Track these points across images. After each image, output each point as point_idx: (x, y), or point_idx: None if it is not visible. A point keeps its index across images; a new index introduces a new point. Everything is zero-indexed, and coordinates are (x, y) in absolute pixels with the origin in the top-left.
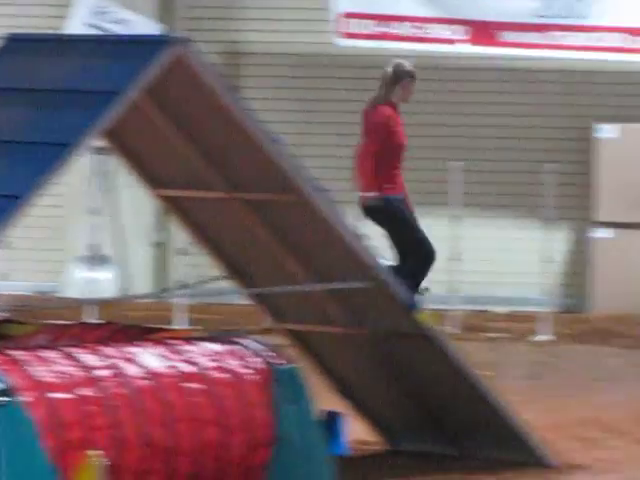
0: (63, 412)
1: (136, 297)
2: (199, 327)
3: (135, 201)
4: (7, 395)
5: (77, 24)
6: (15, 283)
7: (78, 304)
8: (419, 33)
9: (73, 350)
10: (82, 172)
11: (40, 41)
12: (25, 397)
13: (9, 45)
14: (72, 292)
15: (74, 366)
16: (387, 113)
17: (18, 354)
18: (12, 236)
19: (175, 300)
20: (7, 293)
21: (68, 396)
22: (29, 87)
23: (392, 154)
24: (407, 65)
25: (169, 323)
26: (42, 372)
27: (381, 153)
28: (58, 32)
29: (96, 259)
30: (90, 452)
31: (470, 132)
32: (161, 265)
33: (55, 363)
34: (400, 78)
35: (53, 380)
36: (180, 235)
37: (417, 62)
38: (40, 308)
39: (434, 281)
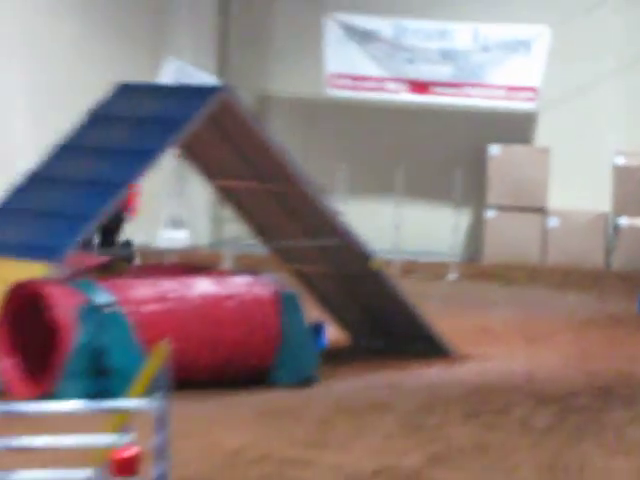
0: (148, 318)
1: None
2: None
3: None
4: (112, 306)
5: (165, 79)
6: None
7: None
8: (378, 87)
9: (155, 280)
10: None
11: (140, 87)
12: (123, 308)
13: (120, 89)
14: (161, 245)
15: (155, 289)
16: None
17: (120, 282)
18: None
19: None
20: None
21: (150, 307)
22: (131, 115)
23: None
24: None
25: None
26: (134, 292)
27: None
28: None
29: (176, 223)
30: (161, 343)
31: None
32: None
33: (143, 287)
34: None
35: (141, 297)
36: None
37: (376, 106)
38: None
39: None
